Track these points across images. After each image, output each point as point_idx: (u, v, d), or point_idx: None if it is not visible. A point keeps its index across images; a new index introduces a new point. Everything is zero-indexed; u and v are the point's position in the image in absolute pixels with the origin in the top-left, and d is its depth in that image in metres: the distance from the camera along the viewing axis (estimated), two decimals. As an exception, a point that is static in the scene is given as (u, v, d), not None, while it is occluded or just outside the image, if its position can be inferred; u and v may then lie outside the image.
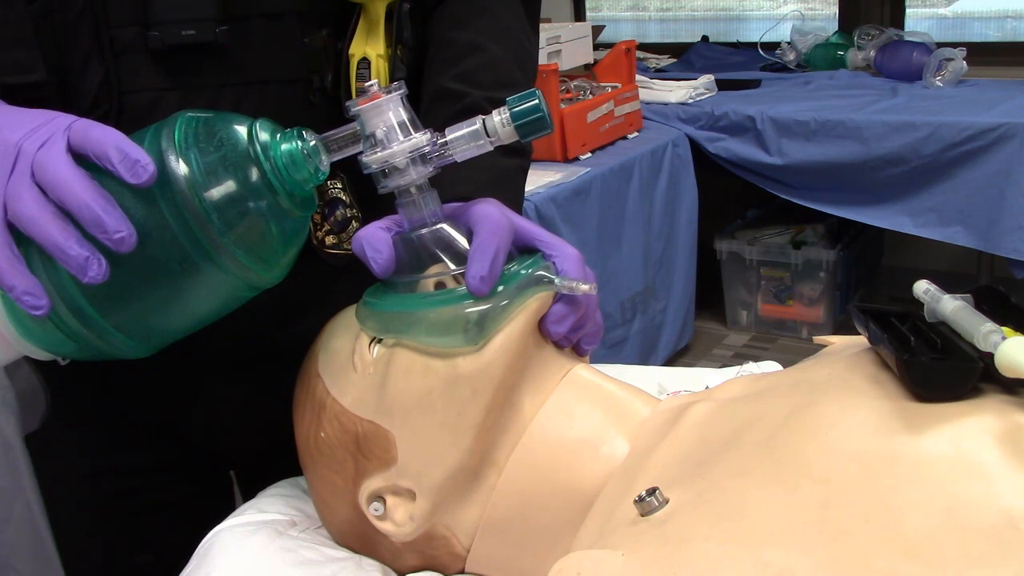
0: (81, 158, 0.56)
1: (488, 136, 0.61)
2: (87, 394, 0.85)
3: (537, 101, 0.61)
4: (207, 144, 0.58)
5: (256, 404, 0.83)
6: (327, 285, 0.80)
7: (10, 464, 0.68)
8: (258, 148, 0.59)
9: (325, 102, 0.77)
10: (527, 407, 0.63)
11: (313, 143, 0.61)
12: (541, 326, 0.64)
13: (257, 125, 0.60)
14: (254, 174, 0.58)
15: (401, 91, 0.61)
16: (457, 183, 0.68)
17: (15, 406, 0.66)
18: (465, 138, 0.61)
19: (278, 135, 0.60)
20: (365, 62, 0.76)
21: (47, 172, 0.55)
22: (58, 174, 0.54)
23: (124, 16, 0.71)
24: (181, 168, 0.56)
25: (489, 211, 0.63)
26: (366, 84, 0.61)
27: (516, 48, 0.80)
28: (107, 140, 0.55)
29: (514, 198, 0.75)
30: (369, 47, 0.76)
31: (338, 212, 0.80)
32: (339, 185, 0.80)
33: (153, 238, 0.57)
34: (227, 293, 0.61)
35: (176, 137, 0.58)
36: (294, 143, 0.60)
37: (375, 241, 0.62)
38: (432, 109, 0.76)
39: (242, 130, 0.60)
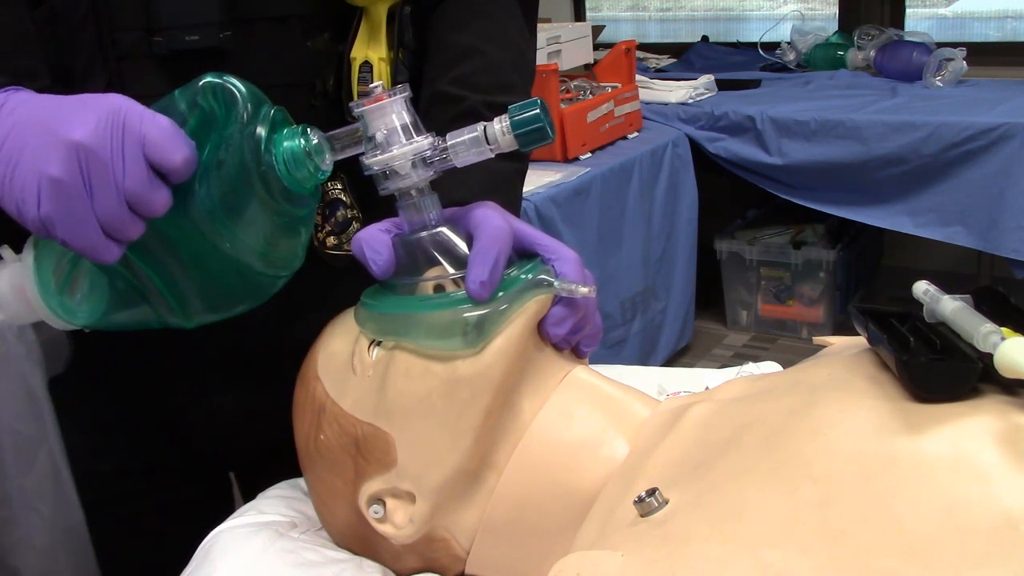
0: None
1: (488, 144, 0.61)
2: (86, 395, 0.85)
3: (538, 111, 0.60)
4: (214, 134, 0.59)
5: (256, 405, 0.83)
6: (328, 286, 0.80)
7: (35, 413, 0.71)
8: (260, 143, 0.59)
9: (327, 106, 0.77)
10: (526, 409, 0.63)
11: (316, 141, 0.61)
12: (540, 328, 0.64)
13: (270, 113, 0.61)
14: (253, 170, 0.59)
15: (405, 94, 0.61)
16: (454, 187, 0.68)
17: (40, 357, 0.69)
18: (466, 144, 0.61)
19: (284, 130, 0.61)
20: (367, 65, 0.76)
21: (146, 205, 0.57)
22: (155, 204, 0.57)
23: (128, 22, 0.71)
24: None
25: (490, 215, 0.63)
26: (370, 86, 0.61)
27: (514, 51, 0.80)
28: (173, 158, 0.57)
29: (511, 202, 0.75)
30: (371, 50, 0.76)
31: (339, 213, 0.80)
32: (339, 186, 0.80)
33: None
34: (252, 280, 0.63)
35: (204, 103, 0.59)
36: (297, 140, 0.60)
37: (375, 243, 0.62)
38: (430, 112, 0.76)
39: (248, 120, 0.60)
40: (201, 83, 0.60)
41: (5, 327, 0.66)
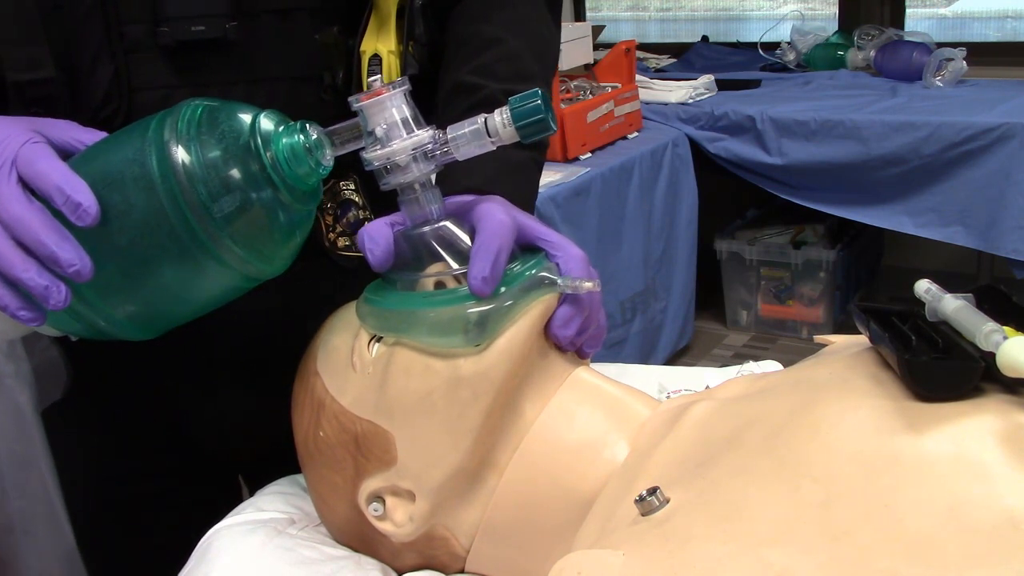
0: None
1: (490, 136, 0.61)
2: (92, 398, 0.85)
3: (539, 102, 0.60)
4: (208, 136, 0.58)
5: (264, 407, 0.82)
6: (338, 287, 0.79)
7: (24, 435, 0.70)
8: (259, 141, 0.59)
9: (336, 99, 0.76)
10: (528, 410, 0.63)
11: (316, 136, 0.60)
12: (547, 330, 0.64)
13: (261, 117, 0.60)
14: (253, 167, 0.58)
15: (404, 87, 0.60)
16: (465, 174, 0.68)
17: (30, 379, 0.68)
18: (467, 137, 0.61)
19: (281, 127, 0.60)
20: (376, 59, 0.75)
21: (2, 211, 0.56)
22: (11, 212, 0.56)
23: (134, 13, 0.71)
24: (180, 160, 0.57)
25: (492, 209, 0.62)
26: (370, 79, 0.61)
27: (535, 40, 0.80)
28: (50, 180, 0.56)
29: (525, 191, 0.74)
30: (380, 43, 0.75)
31: (351, 214, 0.80)
32: (352, 187, 0.80)
33: (152, 228, 0.57)
34: (226, 284, 0.61)
35: (179, 127, 0.58)
36: (296, 136, 0.60)
37: (376, 235, 0.62)
38: (449, 103, 0.75)
39: (245, 122, 0.59)
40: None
41: None
